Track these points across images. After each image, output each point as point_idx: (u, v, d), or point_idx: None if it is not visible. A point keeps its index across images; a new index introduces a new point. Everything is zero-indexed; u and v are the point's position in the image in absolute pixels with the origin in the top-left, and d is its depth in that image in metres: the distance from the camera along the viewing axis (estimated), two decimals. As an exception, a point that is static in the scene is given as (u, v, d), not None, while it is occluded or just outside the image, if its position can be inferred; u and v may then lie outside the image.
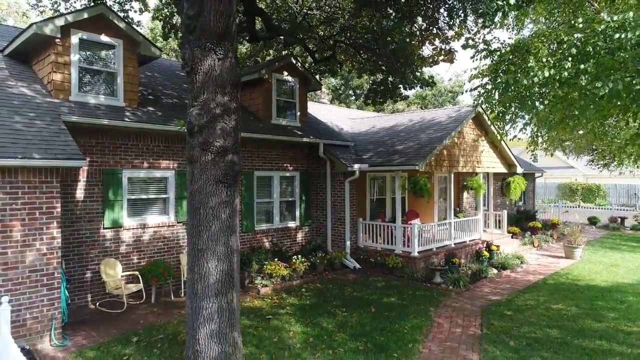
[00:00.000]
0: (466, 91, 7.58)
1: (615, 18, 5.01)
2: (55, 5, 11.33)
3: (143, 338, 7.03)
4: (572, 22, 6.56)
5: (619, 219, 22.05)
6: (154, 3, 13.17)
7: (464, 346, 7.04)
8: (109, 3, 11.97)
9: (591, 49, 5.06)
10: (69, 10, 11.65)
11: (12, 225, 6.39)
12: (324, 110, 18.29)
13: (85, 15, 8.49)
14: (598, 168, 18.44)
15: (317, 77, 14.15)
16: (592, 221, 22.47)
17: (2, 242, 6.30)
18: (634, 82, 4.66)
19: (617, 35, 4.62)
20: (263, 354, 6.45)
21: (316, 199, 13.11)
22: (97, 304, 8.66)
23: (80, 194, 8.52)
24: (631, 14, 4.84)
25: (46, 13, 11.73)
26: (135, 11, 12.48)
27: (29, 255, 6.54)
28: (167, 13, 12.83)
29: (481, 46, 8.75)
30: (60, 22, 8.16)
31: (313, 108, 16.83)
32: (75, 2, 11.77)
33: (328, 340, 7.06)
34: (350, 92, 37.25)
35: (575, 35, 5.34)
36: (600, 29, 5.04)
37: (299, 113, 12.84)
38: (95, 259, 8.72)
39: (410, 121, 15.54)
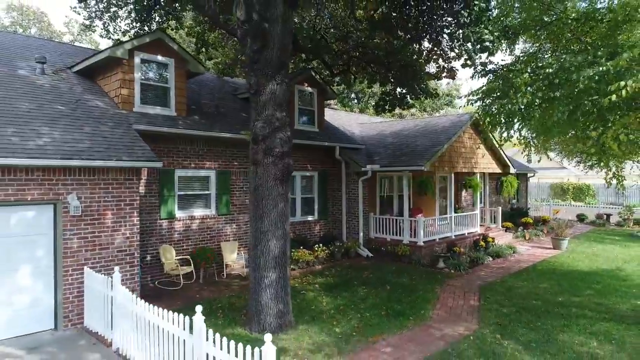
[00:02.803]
0: (466, 105, 9.14)
1: (569, 59, 6.65)
2: (106, 25, 12.89)
3: (205, 307, 8.53)
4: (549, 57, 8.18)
5: (605, 216, 23.81)
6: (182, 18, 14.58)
7: (465, 313, 8.69)
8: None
9: (558, 81, 6.71)
10: (121, 31, 13.24)
11: (105, 214, 7.99)
12: (335, 115, 19.92)
13: (147, 40, 10.10)
14: (584, 170, 20.11)
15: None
16: (581, 218, 24.22)
17: (98, 227, 7.90)
18: (577, 111, 6.33)
19: (574, 75, 6.25)
20: (306, 316, 8.07)
21: (332, 195, 14.74)
22: (156, 282, 10.25)
23: (142, 189, 10.10)
24: (580, 57, 6.48)
25: (88, 30, 13.24)
26: (172, 29, 14.04)
27: (117, 238, 8.13)
28: (199, 30, 14.40)
29: (479, 68, 10.44)
30: (128, 46, 9.77)
31: (326, 114, 18.42)
32: (120, 22, 13.28)
33: (355, 308, 8.70)
34: (353, 95, 38.88)
35: (547, 70, 6.97)
36: (565, 66, 6.67)
37: (317, 119, 14.45)
38: (154, 245, 10.32)
39: (415, 126, 17.21)
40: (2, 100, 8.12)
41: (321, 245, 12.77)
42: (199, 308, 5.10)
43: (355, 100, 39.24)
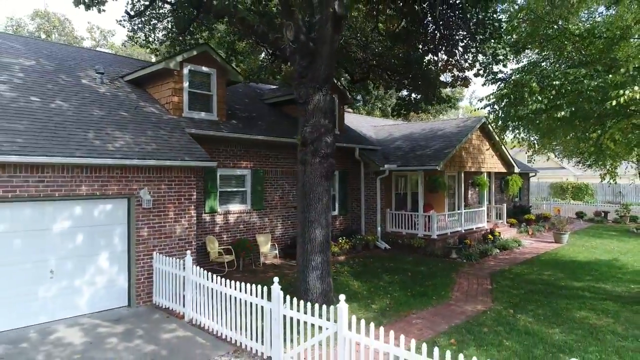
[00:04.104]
0: (479, 108, 10.39)
1: (573, 72, 7.88)
2: (147, 36, 14.09)
3: (252, 288, 9.81)
4: (554, 68, 9.43)
5: (603, 213, 25.09)
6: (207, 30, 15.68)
7: (480, 294, 9.90)
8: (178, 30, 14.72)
9: (564, 91, 7.92)
10: (158, 41, 14.43)
11: (168, 207, 9.18)
12: (350, 118, 21.11)
13: (195, 53, 11.29)
14: (583, 169, 21.33)
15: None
16: (580, 215, 25.50)
17: (163, 218, 9.09)
18: (578, 115, 7.60)
19: (579, 86, 7.46)
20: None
21: (351, 193, 15.95)
22: (202, 269, 11.41)
23: (190, 187, 11.27)
24: (583, 70, 7.71)
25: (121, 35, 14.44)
26: (205, 39, 15.21)
27: (178, 228, 9.33)
28: (229, 41, 15.59)
29: (489, 76, 11.67)
30: (179, 58, 10.97)
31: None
32: (158, 33, 14.46)
33: (384, 290, 9.91)
34: (359, 97, 40.05)
35: (555, 82, 8.19)
36: (570, 79, 7.90)
37: (337, 122, 15.63)
38: (199, 236, 11.50)
39: (422, 130, 18.41)
40: (78, 107, 9.32)
41: (344, 237, 13.98)
42: (276, 279, 6.30)
43: (362, 102, 40.40)
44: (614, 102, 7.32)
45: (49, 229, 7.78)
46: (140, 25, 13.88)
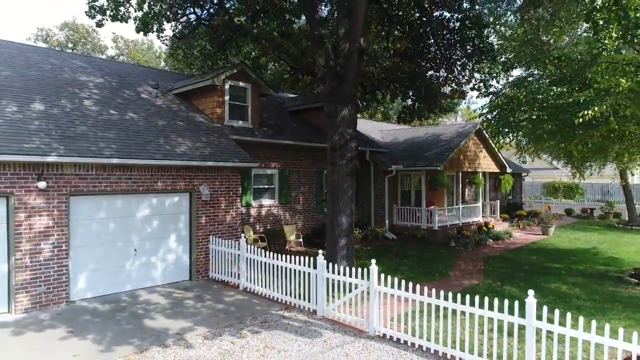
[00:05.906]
0: (478, 117, 12.36)
1: (555, 89, 9.93)
2: (186, 54, 16.14)
3: (287, 268, 11.85)
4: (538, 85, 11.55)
5: (589, 210, 27.22)
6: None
7: (475, 273, 11.99)
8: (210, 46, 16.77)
9: (546, 105, 9.98)
10: (193, 56, 16.49)
11: (220, 200, 11.23)
12: (359, 123, 23.20)
13: (235, 71, 13.36)
14: (571, 171, 23.42)
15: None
16: (568, 212, 27.62)
17: (217, 209, 11.13)
18: (557, 123, 9.70)
19: (560, 101, 9.52)
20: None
21: (362, 190, 18.02)
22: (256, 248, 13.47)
23: (230, 184, 13.30)
24: (560, 89, 9.79)
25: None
26: (234, 54, 17.29)
27: (227, 217, 11.38)
28: (254, 55, 17.65)
29: (483, 90, 13.76)
30: (222, 76, 13.03)
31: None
32: (193, 50, 16.51)
33: (395, 270, 11.98)
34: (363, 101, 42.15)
35: (538, 96, 10.24)
36: (551, 94, 9.95)
37: (350, 128, 17.72)
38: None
39: (425, 134, 20.52)
40: (145, 118, 11.37)
41: (357, 229, 16.02)
42: (320, 252, 8.36)
43: (365, 106, 42.48)
44: (581, 120, 9.41)
45: (134, 216, 9.84)
46: (179, 44, 15.92)
